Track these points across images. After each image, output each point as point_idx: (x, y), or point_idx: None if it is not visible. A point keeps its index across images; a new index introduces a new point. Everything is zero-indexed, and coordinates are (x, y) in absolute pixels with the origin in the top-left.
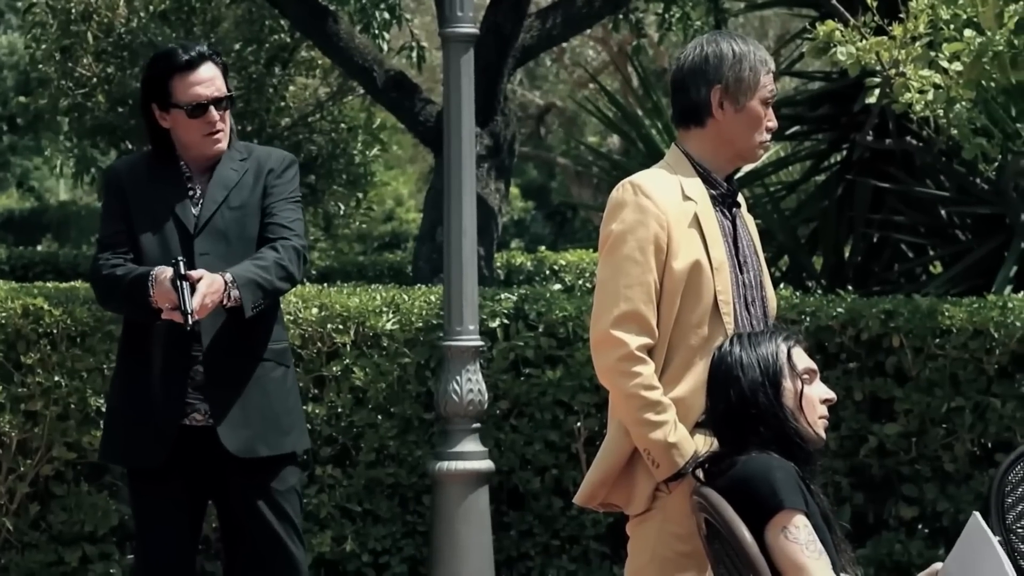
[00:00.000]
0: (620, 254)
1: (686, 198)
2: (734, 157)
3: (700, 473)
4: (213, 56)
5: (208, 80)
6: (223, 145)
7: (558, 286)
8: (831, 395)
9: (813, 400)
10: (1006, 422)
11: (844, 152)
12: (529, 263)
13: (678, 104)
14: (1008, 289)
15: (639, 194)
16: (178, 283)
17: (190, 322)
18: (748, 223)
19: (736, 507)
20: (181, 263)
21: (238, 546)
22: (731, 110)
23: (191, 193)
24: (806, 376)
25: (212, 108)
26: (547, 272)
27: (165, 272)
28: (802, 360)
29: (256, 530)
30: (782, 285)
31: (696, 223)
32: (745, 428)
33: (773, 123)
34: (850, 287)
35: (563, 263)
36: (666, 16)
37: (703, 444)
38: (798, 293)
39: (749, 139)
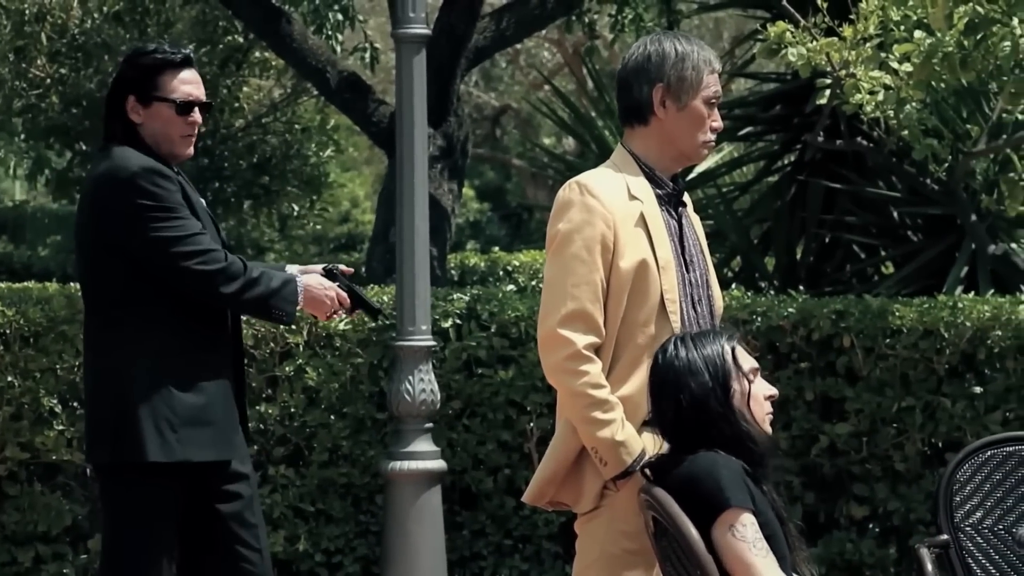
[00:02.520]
0: (567, 253)
1: (632, 197)
2: (678, 156)
3: (648, 471)
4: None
5: (198, 82)
6: (192, 150)
7: (511, 287)
8: (774, 391)
9: (759, 398)
10: (956, 422)
11: (796, 153)
12: (483, 264)
13: (622, 103)
14: (959, 290)
15: (586, 193)
16: (352, 286)
17: (384, 314)
18: (694, 222)
19: (683, 505)
20: (338, 268)
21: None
22: (673, 109)
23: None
24: (752, 375)
25: (197, 110)
26: (501, 273)
27: (314, 278)
28: (746, 359)
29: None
30: (734, 285)
31: (642, 222)
32: (696, 433)
33: (718, 123)
34: (802, 287)
35: (516, 264)
36: (619, 17)
37: (650, 442)
38: (750, 293)
39: (692, 138)
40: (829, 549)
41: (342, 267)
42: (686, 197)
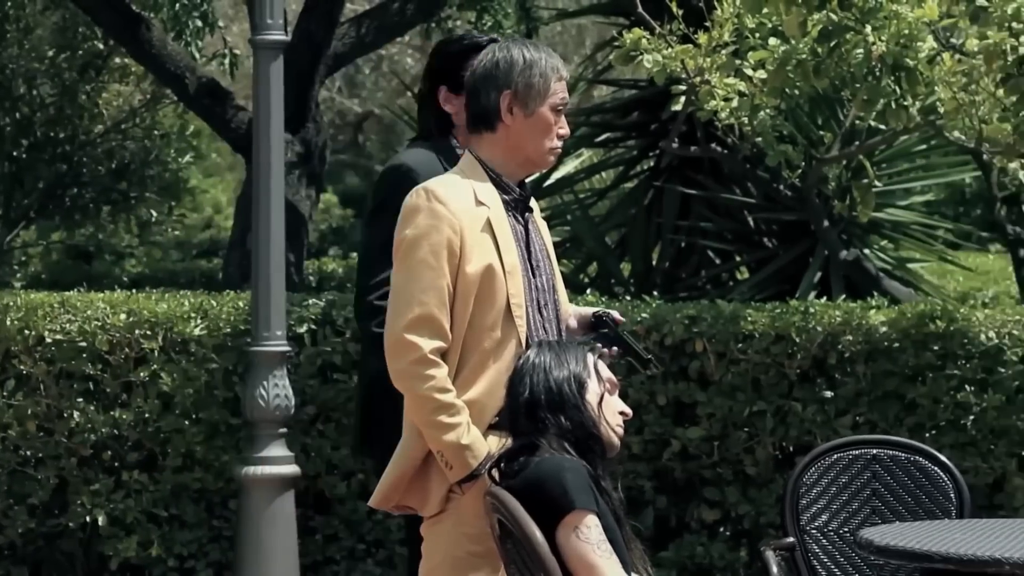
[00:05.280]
0: (414, 259)
1: (479, 203)
2: (525, 163)
3: (494, 474)
4: None
5: None
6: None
7: None
8: (628, 411)
9: (613, 408)
10: (807, 426)
11: (653, 159)
12: (341, 269)
13: (470, 109)
14: (812, 295)
15: (432, 199)
16: (622, 334)
17: (655, 364)
18: (541, 228)
19: (528, 507)
20: (608, 315)
21: None
22: (521, 116)
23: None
24: (609, 385)
25: None
26: None
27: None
28: (605, 371)
29: None
30: (590, 291)
31: (489, 228)
32: (546, 418)
33: (565, 130)
34: (657, 293)
35: None
36: (479, 24)
37: (496, 446)
38: (605, 298)
39: (539, 145)
40: (680, 552)
41: (614, 314)
42: (533, 203)
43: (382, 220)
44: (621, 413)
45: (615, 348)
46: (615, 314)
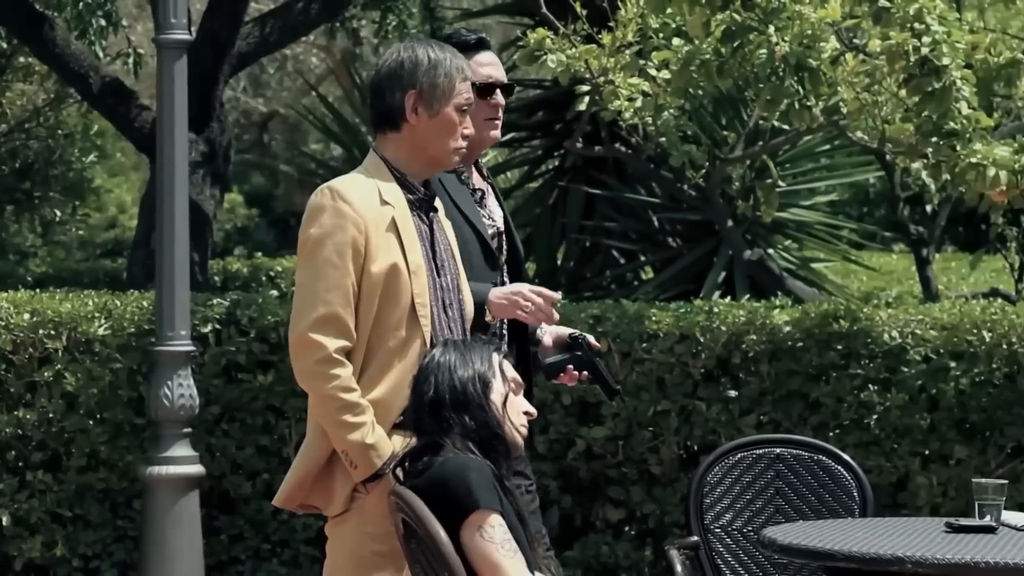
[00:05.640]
0: (319, 258)
1: (384, 202)
2: (429, 162)
3: (399, 473)
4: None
5: (497, 63)
6: (499, 133)
7: (274, 292)
8: (532, 411)
9: (517, 407)
10: (711, 425)
11: (558, 159)
12: (246, 269)
13: (375, 109)
14: (716, 294)
15: (337, 199)
16: (595, 360)
17: (621, 396)
18: (446, 227)
19: (433, 507)
20: (584, 338)
21: None
22: (425, 116)
23: (476, 195)
24: (514, 386)
25: (499, 91)
26: (263, 278)
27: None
28: (510, 371)
29: None
30: None
31: (393, 227)
32: (450, 417)
33: (469, 130)
34: (561, 292)
35: (279, 269)
36: (383, 24)
37: (401, 445)
38: None
39: (444, 145)
40: (585, 552)
41: (590, 339)
42: (438, 202)
43: None
44: (526, 413)
45: (585, 372)
46: (591, 339)
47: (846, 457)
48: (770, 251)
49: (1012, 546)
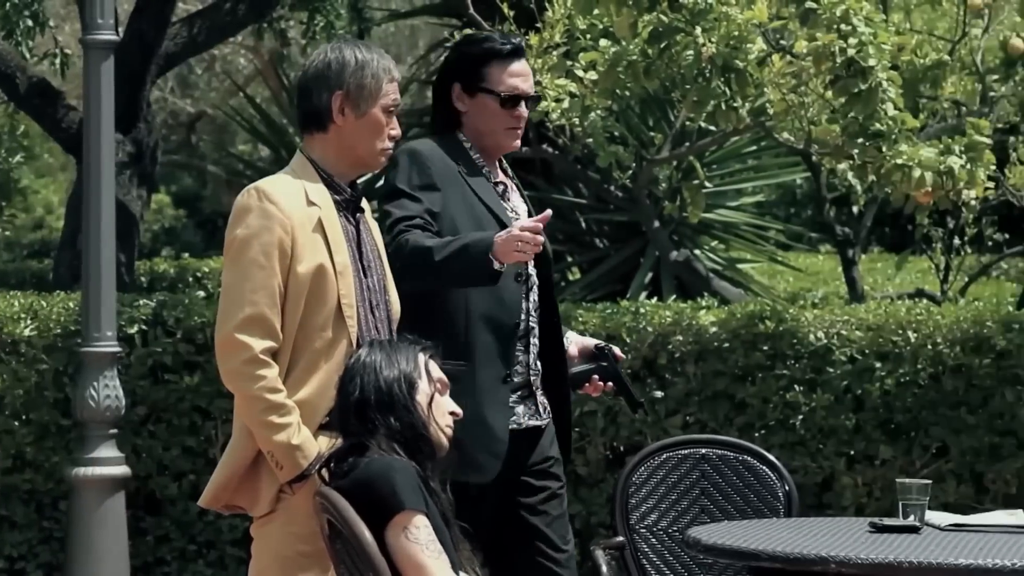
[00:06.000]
0: (245, 259)
1: (310, 203)
2: (356, 163)
3: (324, 474)
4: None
5: (527, 75)
6: (519, 143)
7: (200, 293)
8: (458, 410)
9: (443, 408)
10: (637, 425)
11: None
12: (172, 270)
13: (302, 109)
14: (643, 295)
15: (264, 199)
16: (620, 371)
17: (644, 408)
18: (372, 228)
19: (358, 508)
20: (609, 349)
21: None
22: (352, 116)
23: (498, 188)
24: (439, 385)
25: (524, 103)
26: (190, 279)
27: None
28: (437, 371)
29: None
30: None
31: (320, 228)
32: (375, 418)
33: (396, 131)
34: None
35: (206, 270)
36: (311, 25)
37: (327, 446)
38: None
39: (370, 146)
40: None
41: (616, 350)
42: (364, 203)
43: (396, 196)
44: (451, 414)
45: (610, 383)
46: (616, 350)
47: (771, 457)
48: (697, 252)
49: (935, 546)
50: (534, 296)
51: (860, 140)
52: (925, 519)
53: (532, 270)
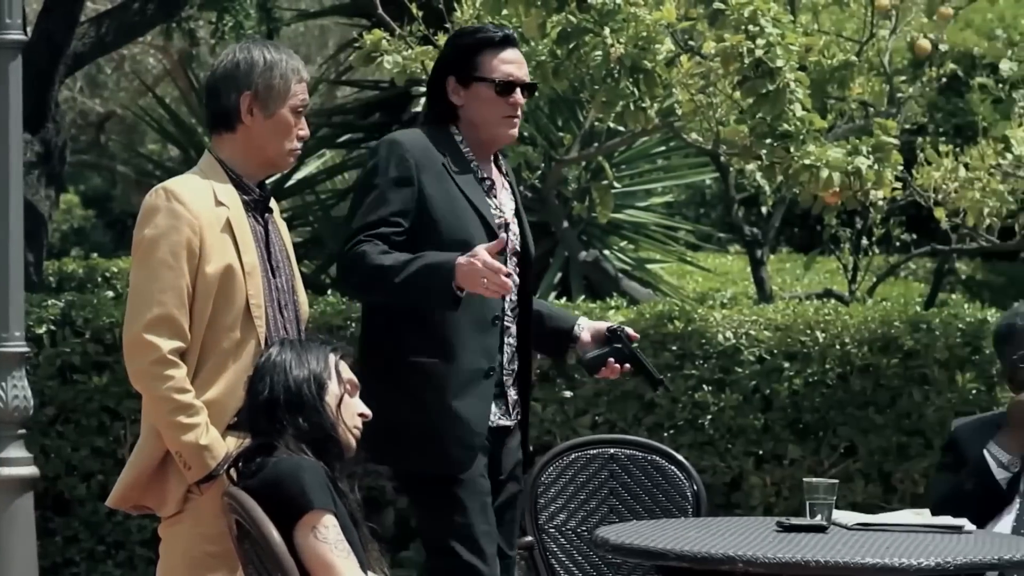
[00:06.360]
0: (153, 259)
1: (219, 203)
2: (264, 163)
3: (232, 474)
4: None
5: (520, 62)
6: (516, 132)
7: (109, 293)
8: (368, 412)
9: (352, 409)
10: (547, 425)
11: None
12: (81, 270)
13: (210, 109)
14: (552, 295)
15: (172, 199)
16: (636, 352)
17: (665, 385)
18: (281, 228)
19: (266, 508)
20: (623, 330)
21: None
22: (261, 117)
23: (485, 184)
24: (349, 387)
25: (519, 90)
26: (99, 279)
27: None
28: (347, 372)
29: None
30: (331, 292)
31: (229, 228)
32: (284, 418)
33: (304, 131)
34: None
35: (115, 270)
36: (219, 25)
37: (235, 447)
38: (345, 299)
39: (279, 146)
40: (421, 553)
41: (629, 331)
42: (273, 203)
43: (369, 190)
44: (360, 415)
45: (627, 364)
46: (630, 331)
47: (680, 457)
48: (606, 252)
49: (842, 545)
50: (511, 298)
51: (768, 141)
52: (832, 518)
53: (514, 270)
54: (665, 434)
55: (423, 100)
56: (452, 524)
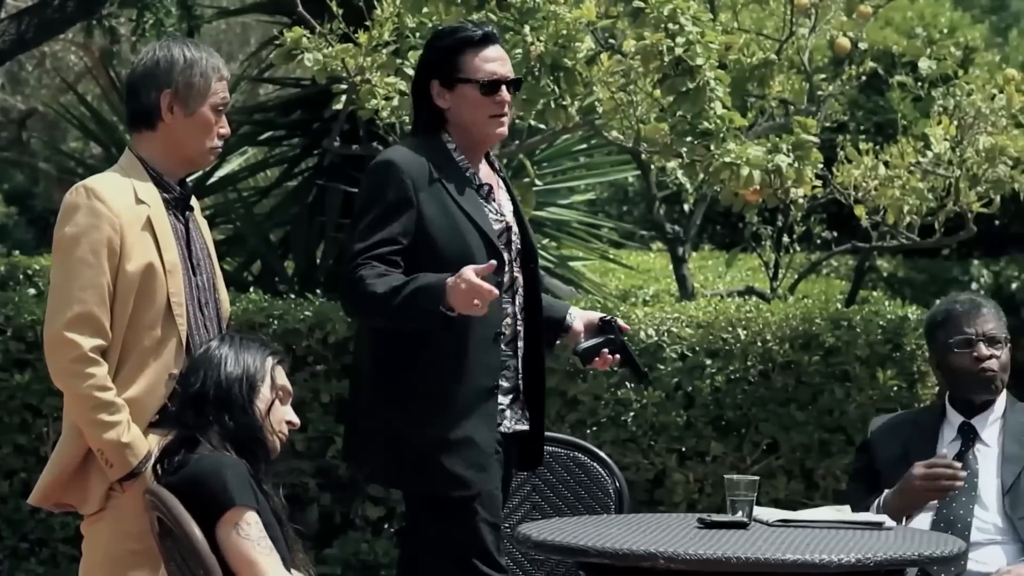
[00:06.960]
0: (73, 257)
1: (139, 201)
2: (185, 161)
3: (156, 470)
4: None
5: (504, 59)
6: (506, 130)
7: (31, 291)
8: (296, 420)
9: (281, 416)
10: None
11: (316, 157)
12: (3, 267)
13: (130, 107)
14: None
15: (92, 197)
16: (626, 343)
17: (649, 380)
18: (202, 226)
19: (188, 505)
20: (615, 321)
21: None
22: (181, 115)
23: (482, 190)
24: (281, 394)
25: (505, 88)
26: (21, 277)
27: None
28: (282, 378)
29: None
30: (253, 289)
31: (149, 226)
32: (211, 414)
33: (225, 129)
34: (320, 291)
35: (37, 267)
36: (140, 22)
37: (156, 444)
38: (268, 297)
39: (199, 144)
40: (345, 549)
41: (620, 322)
42: (194, 201)
43: (367, 212)
44: (288, 423)
45: (616, 355)
46: (621, 322)
47: (602, 454)
48: None
49: (763, 541)
50: (520, 300)
51: (688, 139)
52: (753, 515)
53: (518, 272)
54: (588, 431)
55: (343, 98)
56: (472, 541)
